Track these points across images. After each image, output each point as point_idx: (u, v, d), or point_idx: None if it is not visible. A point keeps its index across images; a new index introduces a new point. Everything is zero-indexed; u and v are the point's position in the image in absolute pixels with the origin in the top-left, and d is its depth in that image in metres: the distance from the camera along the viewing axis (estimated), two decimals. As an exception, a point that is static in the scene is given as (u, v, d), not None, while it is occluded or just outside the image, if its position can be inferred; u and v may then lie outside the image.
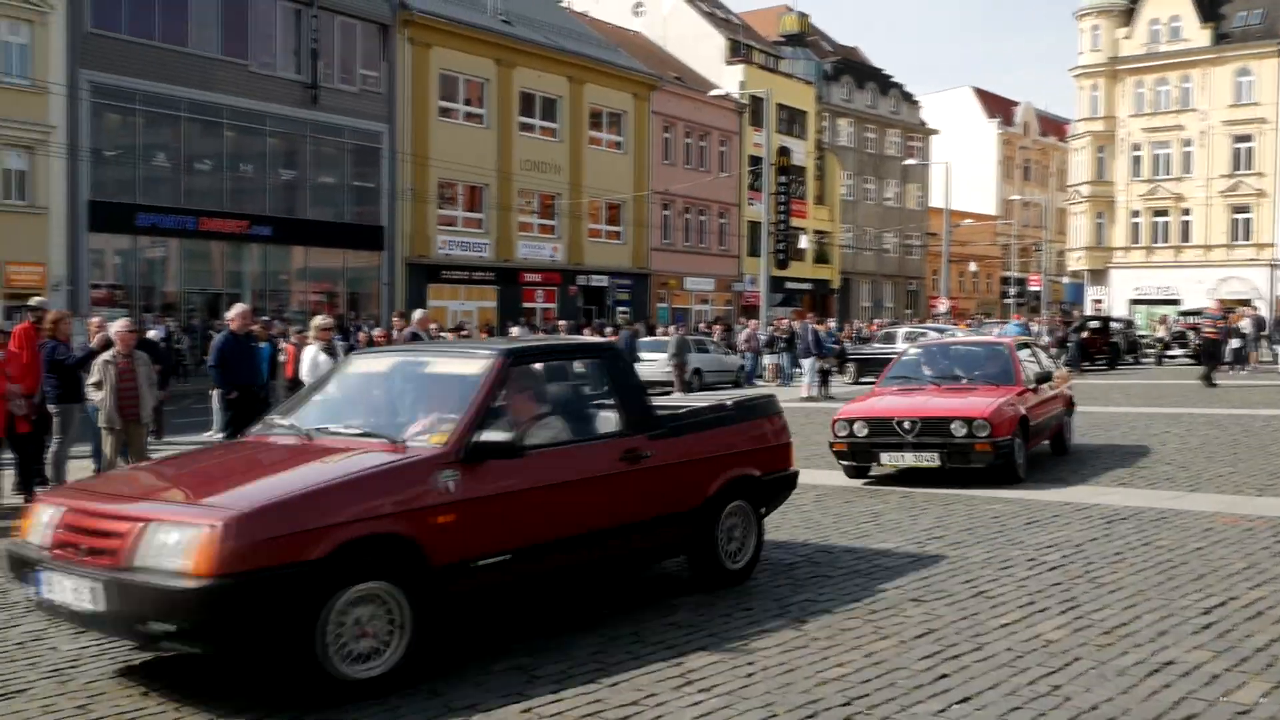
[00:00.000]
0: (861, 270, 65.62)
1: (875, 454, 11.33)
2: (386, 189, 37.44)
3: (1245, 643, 5.66)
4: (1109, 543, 8.25)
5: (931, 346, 14.14)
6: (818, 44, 66.79)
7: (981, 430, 10.72)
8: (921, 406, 11.32)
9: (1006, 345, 12.92)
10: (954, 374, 12.51)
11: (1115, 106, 59.32)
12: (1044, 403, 12.21)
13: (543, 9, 46.73)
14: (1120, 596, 6.67)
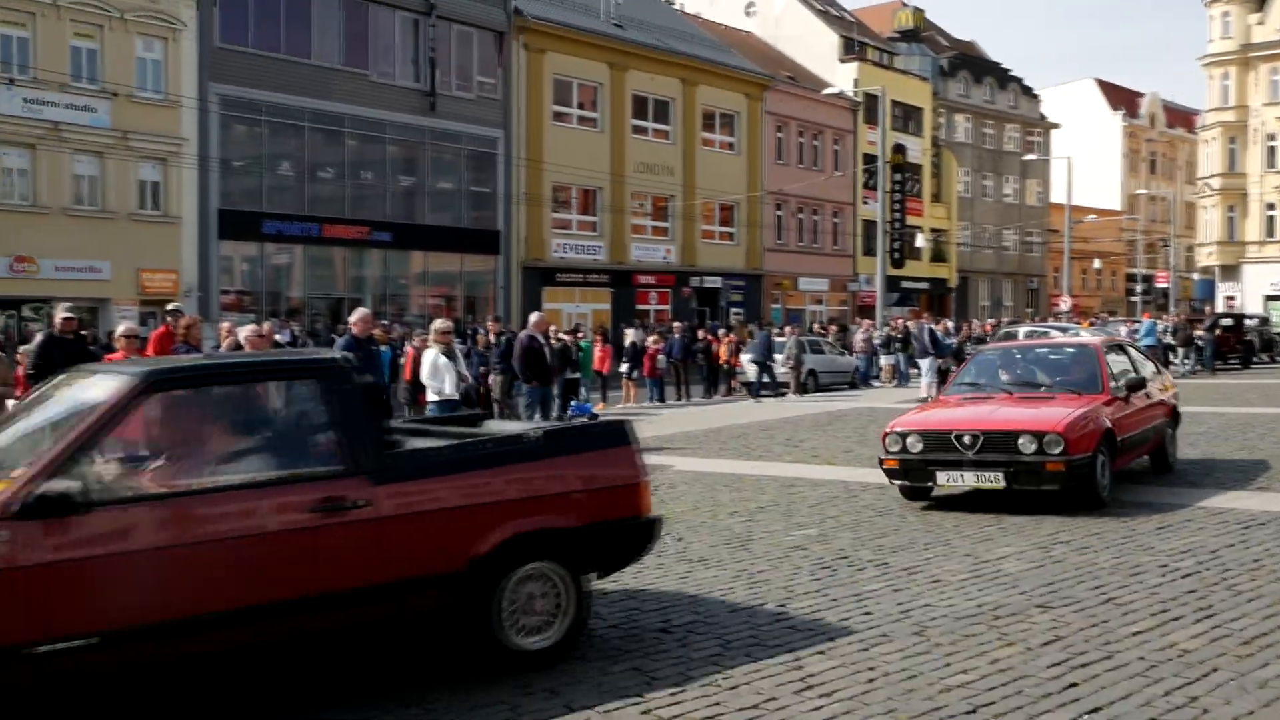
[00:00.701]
0: (980, 268, 64.36)
1: (931, 472, 9.83)
2: (502, 193, 37.99)
3: (1396, 655, 5.40)
4: (1246, 549, 7.94)
5: (1008, 349, 12.89)
6: (933, 39, 65.72)
7: (1054, 446, 9.28)
8: (985, 418, 9.95)
9: (1094, 347, 11.39)
10: (1031, 380, 11.17)
11: (1247, 95, 57.07)
12: (1137, 413, 10.73)
13: (655, 11, 46.90)
14: (1259, 605, 6.42)
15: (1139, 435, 10.74)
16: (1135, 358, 12.18)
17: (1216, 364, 33.24)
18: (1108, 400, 10.31)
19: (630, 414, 23.14)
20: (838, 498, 10.95)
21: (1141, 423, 10.83)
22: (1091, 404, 10.04)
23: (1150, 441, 11.30)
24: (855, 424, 18.89)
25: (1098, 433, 9.61)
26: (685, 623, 6.43)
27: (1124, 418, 10.32)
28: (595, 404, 23.15)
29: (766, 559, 8.14)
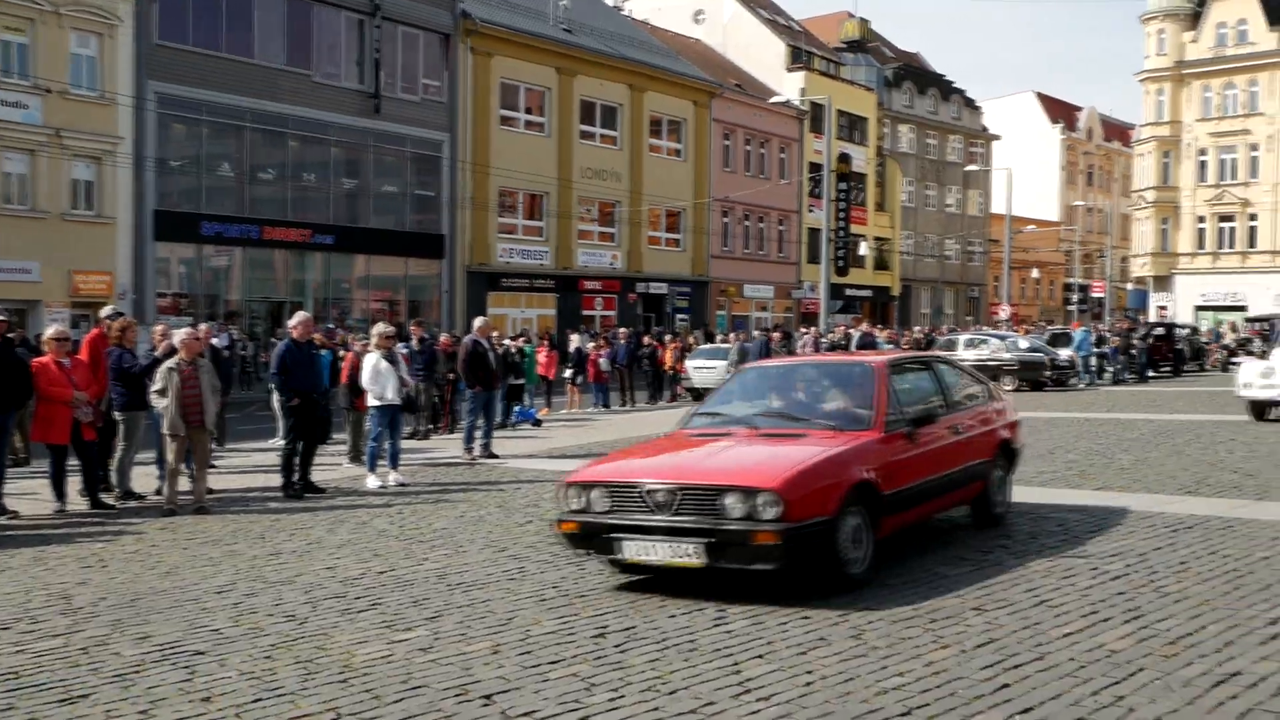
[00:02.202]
0: (922, 277, 65.11)
1: (615, 541, 7.22)
2: (447, 197, 37.82)
3: (1315, 655, 5.54)
4: (1174, 551, 8.12)
5: (770, 367, 10.41)
6: (879, 50, 66.43)
7: (768, 509, 6.76)
8: (687, 466, 7.50)
9: (873, 368, 8.49)
10: (787, 411, 8.65)
11: (1181, 111, 58.34)
12: (930, 455, 8.19)
13: (603, 17, 46.97)
14: (1185, 606, 6.56)
15: (931, 484, 8.23)
16: (949, 379, 9.42)
17: (1149, 372, 33.96)
18: (880, 438, 7.77)
19: (574, 419, 23.13)
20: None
21: (937, 466, 8.30)
22: (848, 445, 7.55)
23: (961, 488, 8.82)
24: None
25: (842, 487, 7.13)
26: (624, 628, 6.44)
27: (901, 462, 7.81)
28: (539, 409, 23.11)
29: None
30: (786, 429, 8.15)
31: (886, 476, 7.56)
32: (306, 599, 7.41)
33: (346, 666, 5.84)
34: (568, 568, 8.15)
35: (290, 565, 8.57)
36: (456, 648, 6.11)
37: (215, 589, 7.78)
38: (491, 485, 12.87)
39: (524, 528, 9.98)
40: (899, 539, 8.27)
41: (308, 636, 6.46)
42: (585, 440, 18.21)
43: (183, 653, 6.16)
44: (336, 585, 7.77)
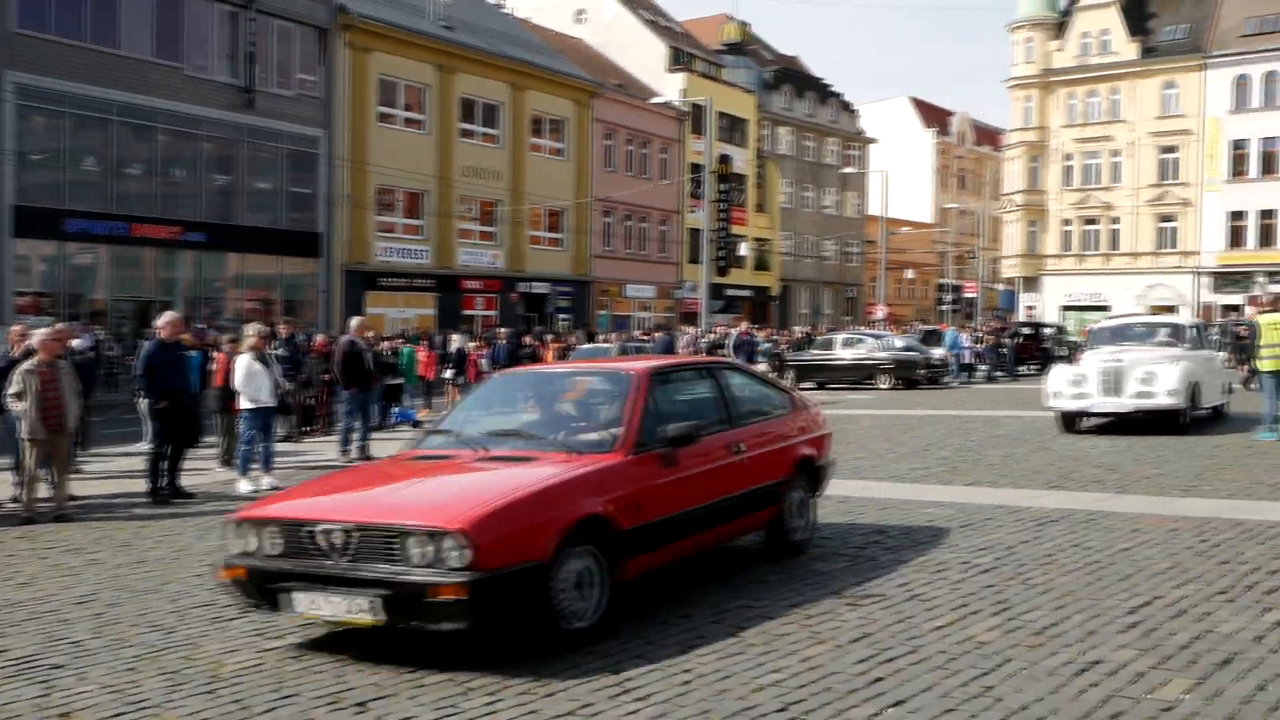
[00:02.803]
0: (801, 277, 66.12)
1: (284, 592, 5.89)
2: (324, 195, 37.10)
3: (1169, 641, 5.77)
4: (1040, 545, 8.37)
5: (516, 377, 9.02)
6: (758, 53, 67.25)
7: (452, 554, 5.53)
8: (373, 501, 6.39)
9: (632, 377, 7.28)
10: (525, 429, 7.39)
11: (1047, 117, 60.35)
12: (695, 480, 7.00)
13: (485, 15, 46.61)
14: (1050, 598, 6.77)
15: (698, 513, 7.06)
16: (735, 389, 8.19)
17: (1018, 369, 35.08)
18: (627, 462, 6.60)
19: (454, 420, 22.86)
20: (659, 502, 11.04)
21: (706, 492, 7.14)
22: (579, 471, 6.36)
23: (744, 515, 7.69)
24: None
25: (560, 524, 5.91)
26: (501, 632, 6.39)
27: (654, 490, 6.65)
28: (419, 410, 22.82)
29: (587, 563, 8.14)
30: (518, 451, 6.78)
31: (631, 508, 6.38)
32: (173, 608, 7.18)
33: (215, 676, 5.68)
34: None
35: (156, 573, 8.29)
36: (330, 654, 5.99)
37: (76, 599, 7.49)
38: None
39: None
40: (669, 575, 7.33)
41: (174, 647, 6.27)
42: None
43: (39, 667, 5.92)
44: (205, 593, 7.54)
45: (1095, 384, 16.25)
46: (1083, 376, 16.50)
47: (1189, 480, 11.53)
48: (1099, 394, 16.19)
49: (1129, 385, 15.96)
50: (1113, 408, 16.19)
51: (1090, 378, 16.36)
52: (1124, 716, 4.74)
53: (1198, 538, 8.44)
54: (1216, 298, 55.38)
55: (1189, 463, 12.86)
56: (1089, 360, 16.94)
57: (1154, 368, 16.02)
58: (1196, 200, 56.05)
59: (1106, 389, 16.12)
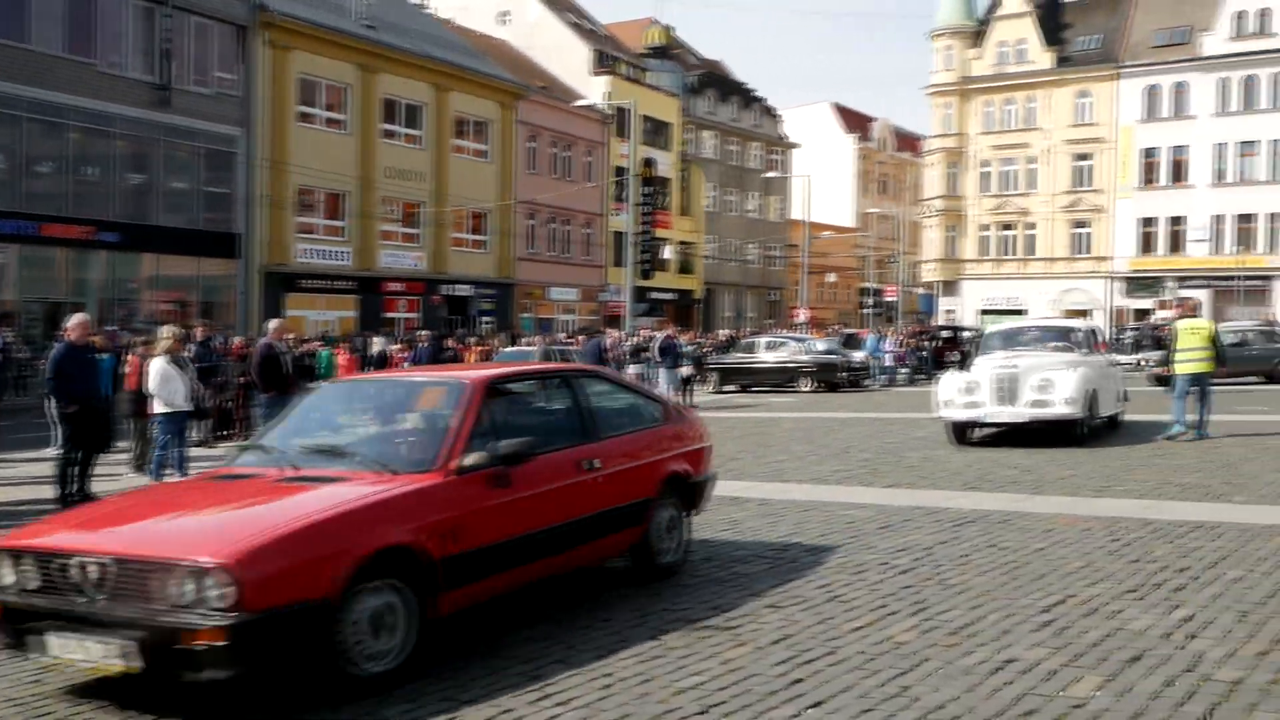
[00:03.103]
0: (724, 280, 66.50)
1: (37, 633, 5.22)
2: (242, 195, 36.49)
3: (1081, 639, 5.89)
4: (957, 545, 8.49)
5: (343, 386, 8.43)
6: (682, 57, 67.54)
7: (213, 592, 4.89)
8: (140, 531, 5.61)
9: (465, 387, 6.60)
10: (340, 445, 6.63)
11: (966, 124, 61.43)
12: (528, 503, 6.32)
13: (407, 15, 46.22)
14: (967, 597, 6.87)
15: (536, 539, 6.39)
16: (594, 399, 7.54)
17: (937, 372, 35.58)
18: (447, 483, 5.94)
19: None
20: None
21: (546, 515, 6.47)
22: (385, 494, 5.70)
23: (599, 538, 7.03)
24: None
25: (350, 556, 5.26)
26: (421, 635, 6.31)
27: (480, 513, 6.01)
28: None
29: (509, 568, 8.10)
30: (329, 470, 6.08)
31: (448, 535, 5.74)
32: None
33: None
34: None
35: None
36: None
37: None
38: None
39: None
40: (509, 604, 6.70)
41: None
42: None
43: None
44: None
45: (988, 392, 15.08)
46: (975, 384, 15.28)
47: (1102, 481, 11.78)
48: (992, 402, 15.04)
49: (1024, 393, 14.87)
50: (1007, 418, 15.07)
51: (983, 385, 15.16)
52: (1037, 714, 4.83)
53: (1109, 537, 8.63)
54: (1129, 302, 56.83)
55: (1102, 464, 13.14)
56: (982, 366, 15.69)
57: (1051, 374, 14.94)
58: (1109, 207, 57.44)
59: (1000, 397, 14.98)
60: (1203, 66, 54.81)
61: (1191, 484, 11.29)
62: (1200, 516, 9.35)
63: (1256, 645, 5.69)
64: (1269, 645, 5.68)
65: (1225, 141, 54.56)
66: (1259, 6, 53.86)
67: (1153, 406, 19.26)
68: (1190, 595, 6.75)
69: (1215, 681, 5.16)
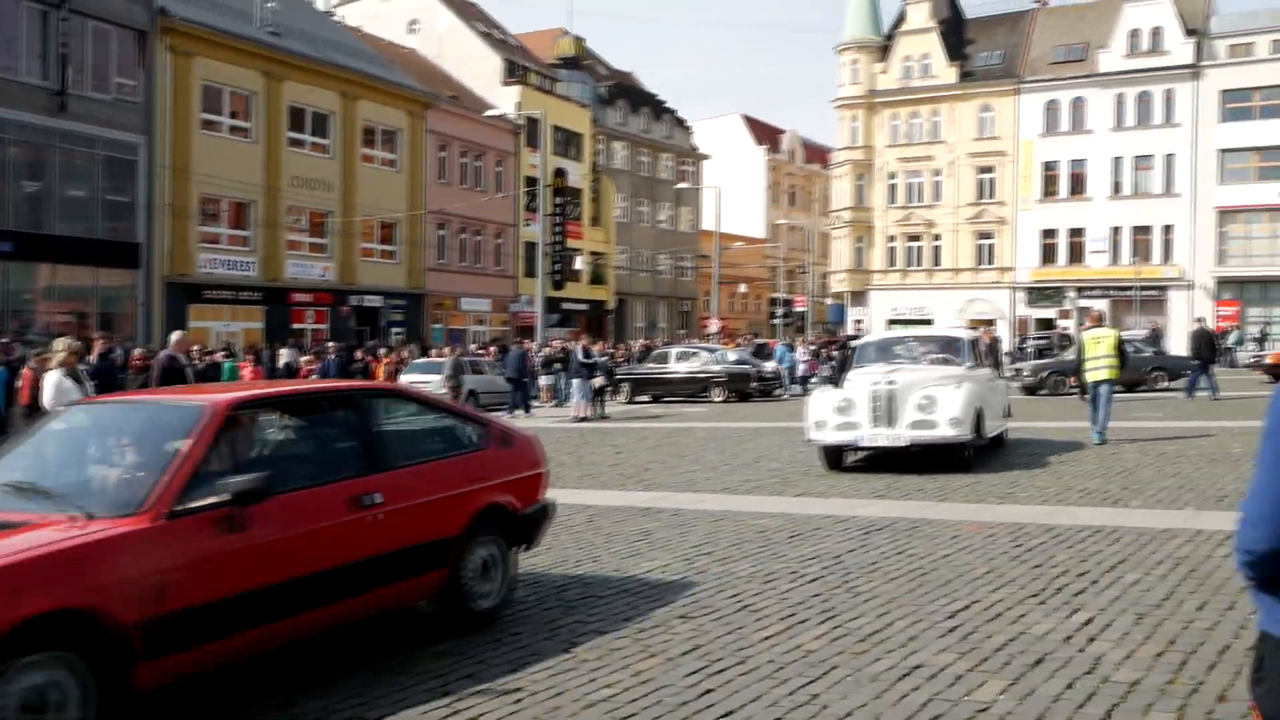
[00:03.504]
0: (636, 291, 66.67)
1: None
2: (144, 204, 35.62)
3: (986, 643, 5.99)
4: (865, 553, 8.59)
5: (89, 409, 6.85)
6: (593, 68, 67.63)
7: None
8: None
9: (203, 410, 5.61)
10: (40, 482, 5.58)
11: (873, 137, 62.45)
12: (271, 549, 5.38)
13: (314, 22, 45.62)
14: (875, 605, 6.95)
15: (284, 590, 5.40)
16: (387, 423, 6.77)
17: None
18: (157, 528, 4.94)
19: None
20: (493, 518, 10.95)
21: (305, 562, 5.52)
22: (72, 541, 4.72)
23: (382, 586, 6.04)
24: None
25: None
26: (329, 654, 6.21)
27: (202, 563, 5.06)
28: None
29: (418, 582, 8.00)
30: (14, 514, 5.05)
31: (151, 592, 4.77)
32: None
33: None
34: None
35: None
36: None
37: None
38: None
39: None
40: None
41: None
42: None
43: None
44: None
45: (865, 411, 13.44)
46: (850, 402, 13.59)
47: (1005, 487, 12.02)
48: (869, 424, 13.40)
49: (905, 413, 13.31)
50: (886, 441, 13.41)
51: (858, 403, 13.51)
52: (943, 718, 4.89)
53: (1013, 543, 8.80)
54: (1032, 312, 58.18)
55: (1005, 470, 13.40)
56: (857, 382, 13.96)
57: (934, 391, 13.39)
58: (1012, 219, 58.79)
59: (878, 418, 13.36)
60: (1100, 82, 56.43)
61: (1092, 489, 11.57)
62: (1100, 521, 9.59)
63: (1153, 647, 5.84)
64: (1165, 646, 5.84)
65: (1122, 155, 56.21)
66: (1153, 25, 55.65)
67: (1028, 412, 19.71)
68: (1090, 599, 6.91)
69: (1114, 683, 5.28)
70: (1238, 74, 53.90)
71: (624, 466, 15.36)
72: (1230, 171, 53.84)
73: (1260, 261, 53.27)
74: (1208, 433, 17.01)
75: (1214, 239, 54.10)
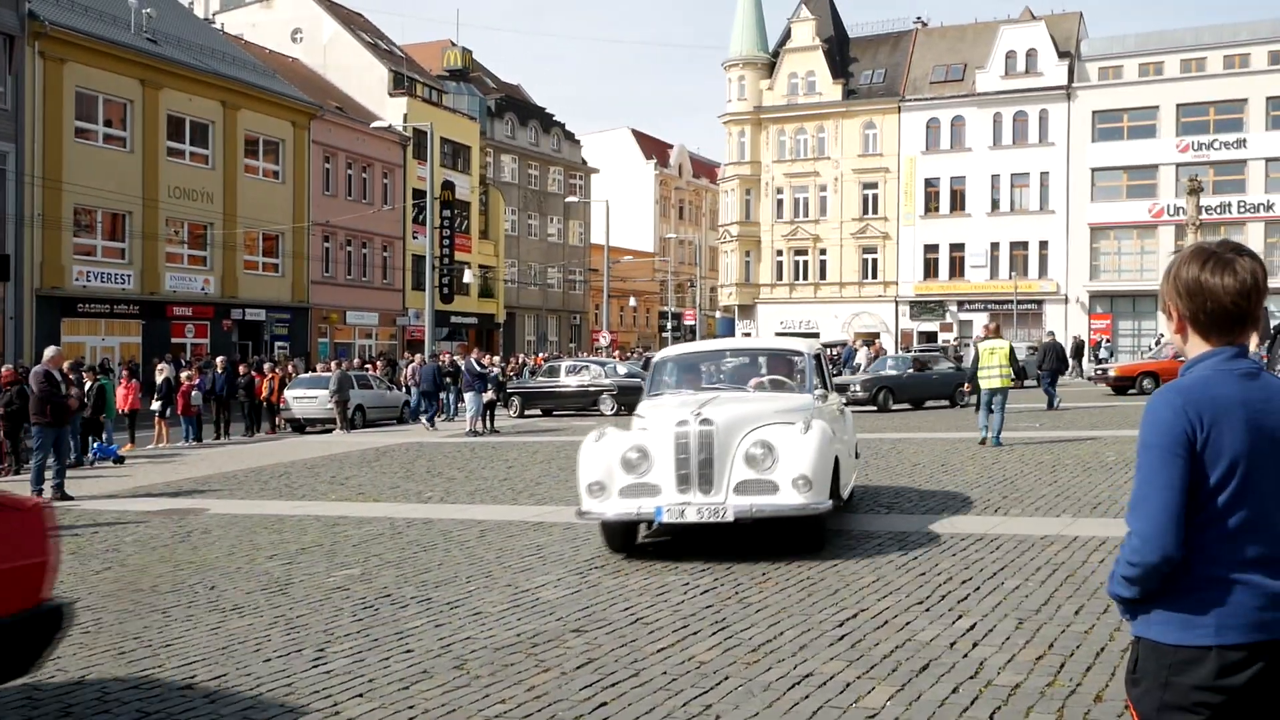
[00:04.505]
0: (526, 304, 66.47)
1: None
2: (13, 214, 34.34)
3: (873, 651, 6.10)
4: (755, 564, 8.66)
5: None
6: (481, 80, 67.35)
7: None
8: None
9: None
10: None
11: (760, 152, 63.28)
12: None
13: (193, 29, 44.60)
14: (766, 615, 7.02)
15: None
16: None
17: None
18: None
19: (162, 455, 21.65)
20: (382, 535, 10.81)
21: None
22: None
23: None
24: (403, 459, 18.89)
25: None
26: (214, 676, 6.05)
27: None
28: (123, 445, 21.44)
29: (306, 602, 7.87)
30: None
31: None
32: None
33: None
34: (150, 616, 7.58)
35: None
36: (21, 713, 5.50)
37: None
38: (64, 530, 11.75)
39: (101, 575, 9.18)
40: None
41: None
42: (174, 478, 17.09)
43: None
44: None
45: (666, 466, 8.86)
46: (642, 453, 8.96)
47: (891, 497, 12.24)
48: (674, 486, 8.82)
49: (728, 468, 8.82)
50: (700, 514, 8.73)
51: (656, 455, 8.92)
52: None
53: (899, 551, 8.97)
54: (915, 325, 59.49)
55: (889, 481, 13.65)
56: (654, 420, 9.37)
57: (772, 434, 8.96)
58: (895, 234, 60.09)
59: (687, 477, 8.80)
60: (978, 101, 58.09)
61: (973, 498, 11.86)
62: (981, 529, 9.84)
63: (1034, 650, 6.01)
64: (1044, 650, 6.01)
65: (1000, 173, 57.91)
66: (1028, 46, 57.50)
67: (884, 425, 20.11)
68: (973, 605, 7.09)
69: (997, 686, 5.42)
70: (1108, 95, 56.01)
71: (514, 481, 15.29)
72: (1101, 189, 55.88)
73: (1129, 276, 55.34)
74: (1079, 441, 17.58)
75: (1087, 254, 56.06)
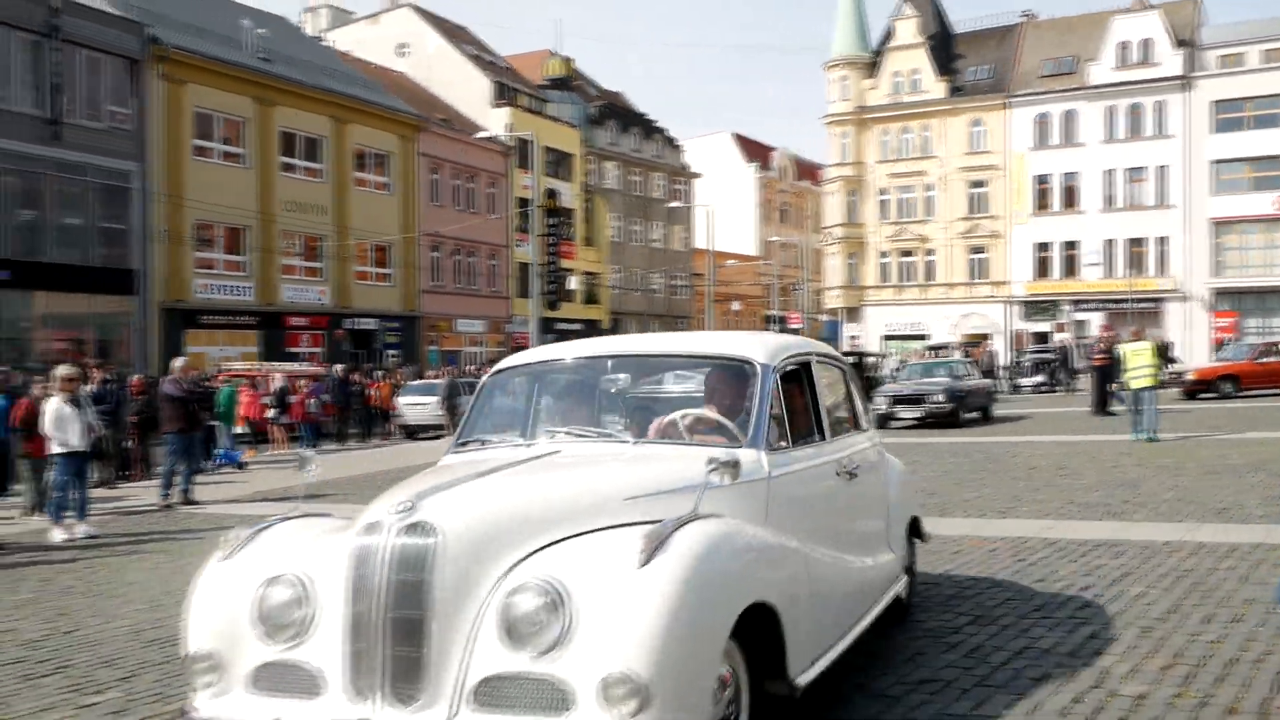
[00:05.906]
0: (630, 310, 66.75)
1: None
2: (138, 230, 35.68)
3: (992, 657, 5.98)
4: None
5: None
6: (582, 88, 67.88)
7: None
8: None
9: None
10: None
11: (864, 153, 62.66)
12: None
13: (303, 47, 45.79)
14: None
15: None
16: None
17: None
18: None
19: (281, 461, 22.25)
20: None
21: None
22: None
23: None
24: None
25: None
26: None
27: None
28: (245, 451, 22.10)
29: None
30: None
31: None
32: (-23, 672, 6.71)
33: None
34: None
35: (-43, 635, 7.75)
36: (152, 708, 5.71)
37: None
38: (190, 533, 12.16)
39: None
40: None
41: (-22, 713, 5.84)
42: (292, 482, 17.53)
43: None
44: (17, 649, 7.10)
45: (333, 627, 3.69)
46: (300, 588, 3.87)
47: (1006, 502, 12.03)
48: (344, 679, 3.60)
49: (460, 644, 3.53)
50: None
51: (323, 594, 3.81)
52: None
53: (1014, 557, 8.81)
54: (1027, 325, 58.29)
55: (1006, 485, 13.41)
56: (368, 518, 3.76)
57: (565, 566, 3.61)
58: (1005, 233, 58.97)
59: (364, 664, 3.57)
60: (1090, 95, 56.71)
61: (1093, 503, 11.59)
62: (1102, 535, 9.60)
63: (1160, 660, 5.85)
64: (1171, 660, 5.84)
65: (1114, 168, 56.44)
66: (1142, 36, 55.97)
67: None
68: (1094, 612, 6.92)
69: (1121, 696, 5.28)
70: (1229, 84, 54.20)
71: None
72: (1223, 182, 54.06)
73: (1256, 272, 53.46)
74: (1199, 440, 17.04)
75: (1209, 250, 54.29)
